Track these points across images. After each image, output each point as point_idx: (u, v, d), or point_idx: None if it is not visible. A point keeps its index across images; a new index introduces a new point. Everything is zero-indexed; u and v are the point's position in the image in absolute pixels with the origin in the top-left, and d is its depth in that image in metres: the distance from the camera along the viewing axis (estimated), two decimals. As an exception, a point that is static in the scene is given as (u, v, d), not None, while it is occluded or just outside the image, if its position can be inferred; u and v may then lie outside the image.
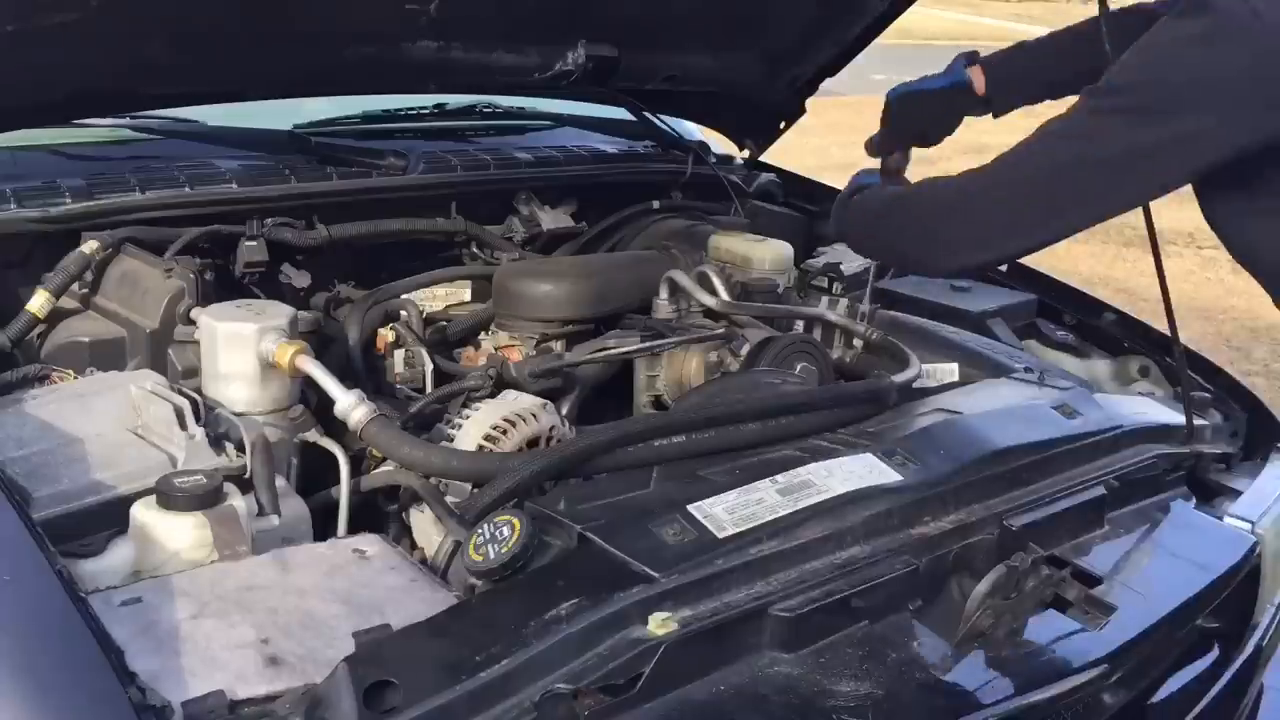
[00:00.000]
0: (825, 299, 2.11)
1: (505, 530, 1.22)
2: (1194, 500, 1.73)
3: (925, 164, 2.31)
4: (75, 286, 1.82)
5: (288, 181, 2.08)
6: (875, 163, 1.91)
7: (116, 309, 1.82)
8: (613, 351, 1.94)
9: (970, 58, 1.84)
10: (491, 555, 1.20)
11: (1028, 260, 2.54)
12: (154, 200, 1.93)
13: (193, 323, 1.68)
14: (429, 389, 1.80)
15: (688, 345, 1.96)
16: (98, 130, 2.14)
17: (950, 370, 1.98)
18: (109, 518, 1.31)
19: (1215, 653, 1.60)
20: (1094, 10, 1.59)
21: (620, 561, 1.19)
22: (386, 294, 2.03)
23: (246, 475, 1.43)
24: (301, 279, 2.04)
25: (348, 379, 1.59)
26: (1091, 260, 6.90)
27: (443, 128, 2.55)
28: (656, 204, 2.48)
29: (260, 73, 1.91)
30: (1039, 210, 1.46)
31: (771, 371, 1.82)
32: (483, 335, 2.11)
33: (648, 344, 1.95)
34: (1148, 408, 1.86)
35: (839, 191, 2.19)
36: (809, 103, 2.67)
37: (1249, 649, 1.63)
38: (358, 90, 2.28)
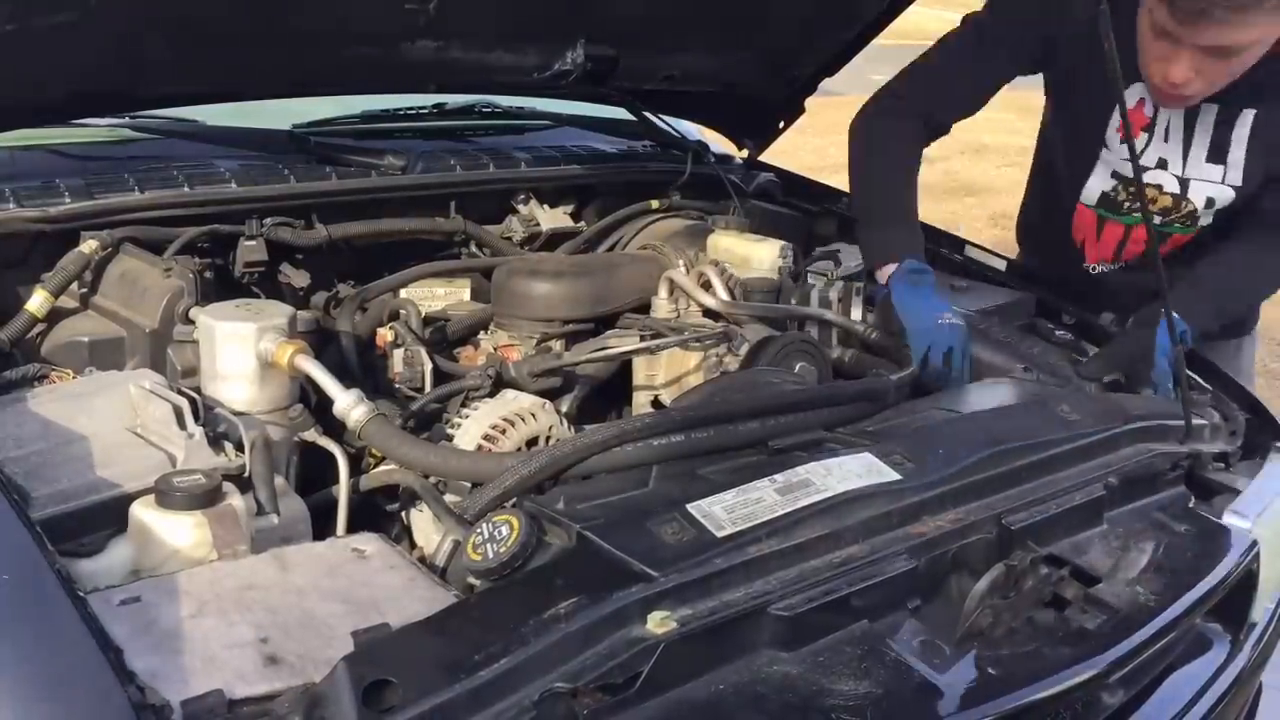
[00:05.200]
0: (820, 282, 2.11)
1: (504, 529, 1.22)
2: (1192, 499, 1.73)
3: (925, 162, 2.31)
4: (74, 286, 1.82)
5: (287, 181, 2.08)
6: None
7: (116, 308, 1.82)
8: (612, 351, 1.94)
9: None
10: (490, 554, 1.21)
11: (1025, 260, 2.56)
12: (153, 200, 1.93)
13: (192, 322, 1.69)
14: (428, 388, 1.80)
15: (687, 345, 1.96)
16: (97, 130, 2.15)
17: None
18: (108, 517, 1.31)
19: (1213, 651, 1.60)
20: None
21: (619, 560, 1.19)
22: (375, 291, 2.04)
23: (245, 474, 1.43)
24: (301, 278, 2.05)
25: (345, 378, 1.59)
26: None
27: (442, 128, 2.55)
28: (656, 204, 2.49)
29: (260, 73, 1.91)
30: None
31: (770, 371, 1.82)
32: (482, 335, 2.12)
33: (647, 343, 1.96)
34: (1147, 407, 1.86)
35: (841, 192, 2.25)
36: (809, 103, 2.67)
37: (1247, 648, 1.64)
38: (357, 90, 2.28)
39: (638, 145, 2.72)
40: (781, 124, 2.72)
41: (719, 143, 2.85)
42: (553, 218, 2.42)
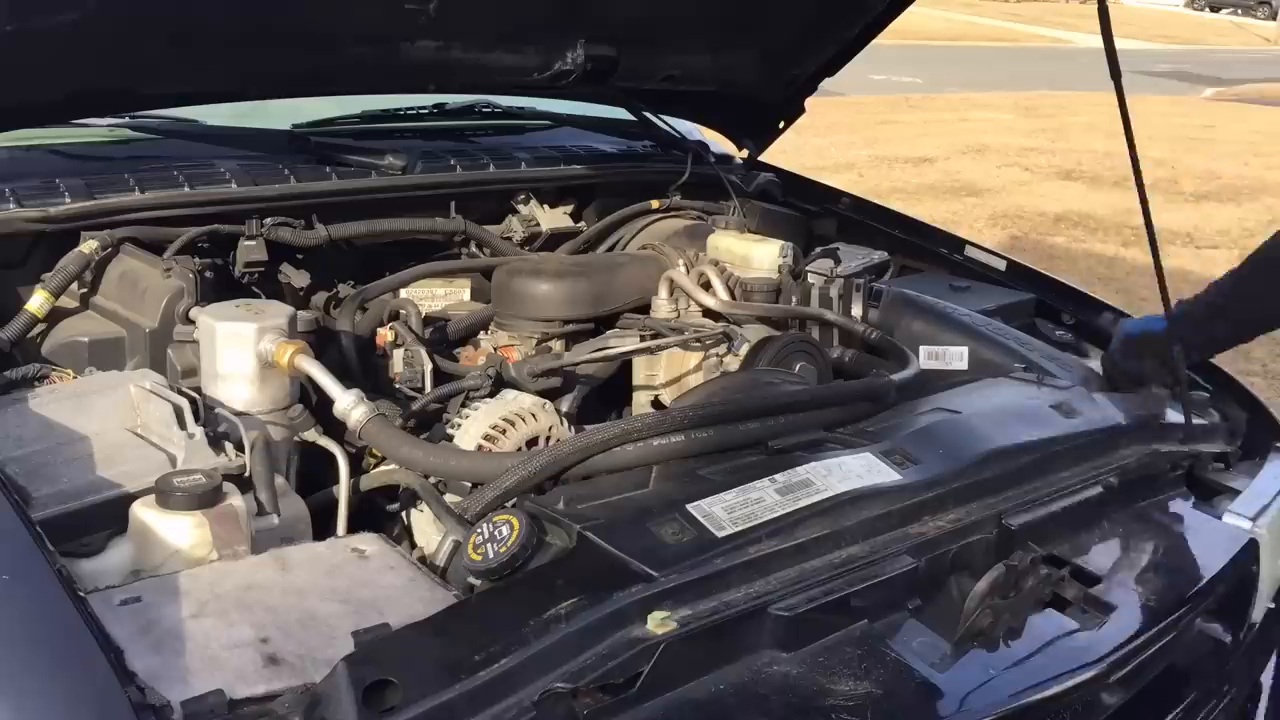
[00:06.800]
0: (820, 280, 2.12)
1: (504, 530, 1.22)
2: (1192, 499, 1.73)
3: (926, 162, 2.32)
4: (74, 286, 1.82)
5: (287, 181, 2.08)
6: None
7: (116, 308, 1.82)
8: (612, 351, 1.94)
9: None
10: (490, 555, 1.21)
11: (1026, 259, 2.56)
12: (153, 200, 1.93)
13: (192, 322, 1.69)
14: (428, 388, 1.80)
15: (687, 345, 1.96)
16: (97, 130, 2.15)
17: (960, 354, 1.98)
18: (108, 517, 1.31)
19: (1213, 651, 1.60)
20: (1093, 9, 1.59)
21: (619, 561, 1.19)
22: (375, 291, 2.04)
23: (246, 475, 1.43)
24: (300, 278, 2.05)
25: (345, 378, 1.59)
26: (1090, 260, 6.90)
27: (442, 128, 2.55)
28: (656, 204, 2.49)
29: (260, 73, 1.91)
30: None
31: (770, 371, 1.82)
32: (482, 335, 2.12)
33: (647, 344, 1.96)
34: (1146, 407, 1.86)
35: (841, 192, 2.15)
36: (809, 103, 2.67)
37: (1246, 647, 1.64)
38: (357, 90, 2.28)
39: (638, 145, 2.72)
40: (781, 124, 2.72)
41: (719, 143, 2.85)
42: (553, 218, 2.42)
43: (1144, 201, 1.77)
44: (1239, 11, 35.22)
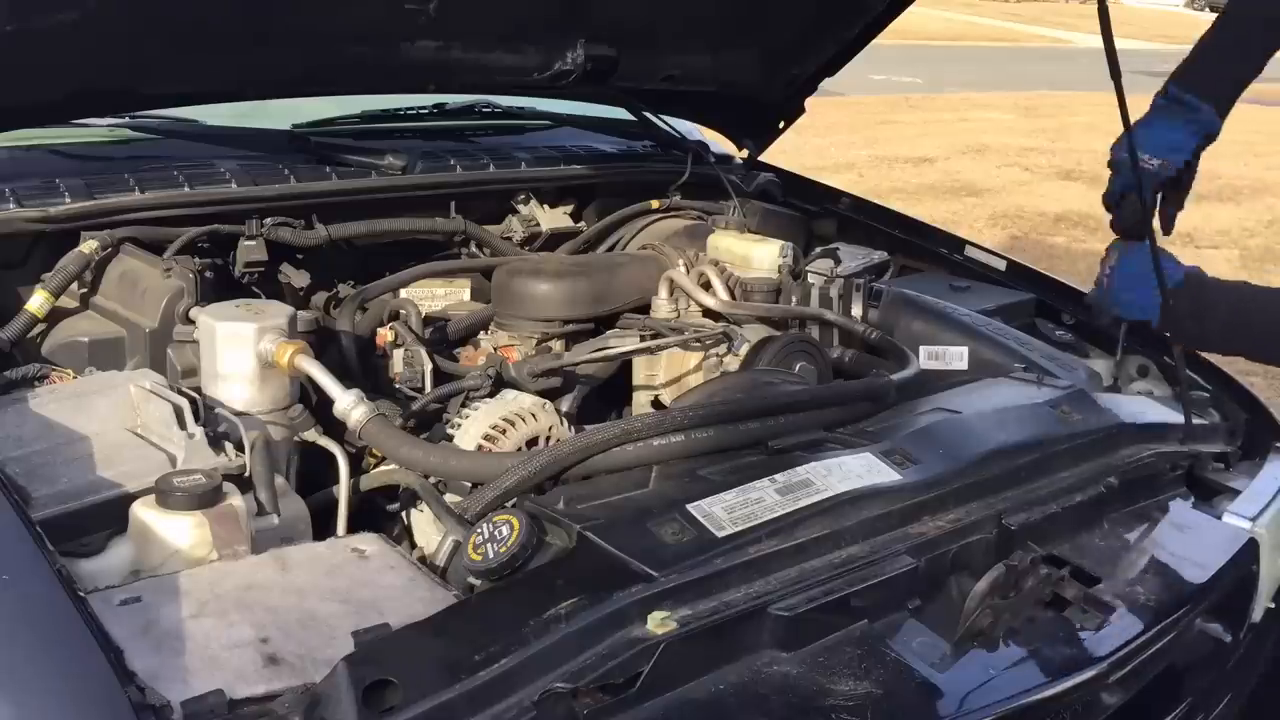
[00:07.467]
0: (820, 280, 2.12)
1: (504, 530, 1.22)
2: (1192, 499, 1.73)
3: (926, 162, 2.31)
4: (74, 286, 1.82)
5: (287, 181, 2.08)
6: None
7: (116, 308, 1.82)
8: (612, 351, 1.94)
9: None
10: (490, 555, 1.21)
11: (1026, 259, 2.56)
12: (153, 200, 1.93)
13: (192, 322, 1.69)
14: (428, 388, 1.80)
15: (687, 345, 1.96)
16: (97, 130, 2.15)
17: (960, 354, 1.99)
18: (108, 517, 1.31)
19: (1213, 651, 1.60)
20: (1093, 9, 1.59)
21: (619, 561, 1.19)
22: (375, 291, 2.04)
23: (246, 474, 1.43)
24: (300, 278, 2.05)
25: (345, 378, 1.59)
26: (1090, 260, 6.90)
27: (442, 128, 2.55)
28: (656, 204, 2.49)
29: (260, 73, 1.91)
30: None
31: (770, 371, 1.82)
32: (482, 335, 2.12)
33: (647, 344, 1.96)
34: (1146, 407, 1.86)
35: (841, 192, 2.14)
36: (809, 103, 2.67)
37: (1246, 647, 1.64)
38: (357, 90, 2.28)
39: (638, 145, 2.72)
40: (782, 124, 2.72)
41: (719, 143, 2.85)
42: (553, 218, 2.42)
43: (1143, 200, 1.77)
44: (1239, 11, 35.14)
